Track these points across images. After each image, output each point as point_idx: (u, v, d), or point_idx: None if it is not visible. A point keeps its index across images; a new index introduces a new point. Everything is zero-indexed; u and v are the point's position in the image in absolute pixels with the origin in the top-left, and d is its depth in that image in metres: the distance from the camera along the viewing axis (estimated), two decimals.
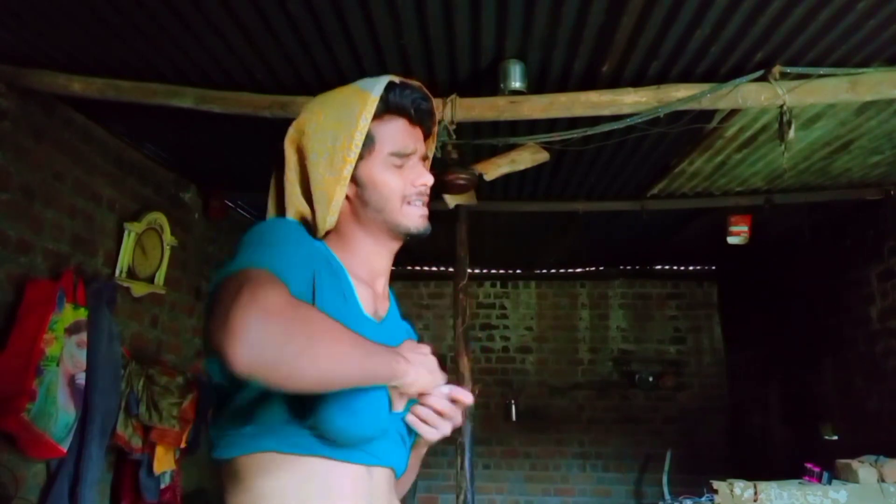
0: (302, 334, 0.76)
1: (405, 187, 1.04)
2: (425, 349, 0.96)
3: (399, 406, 0.98)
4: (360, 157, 1.01)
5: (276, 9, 2.14)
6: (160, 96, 2.62)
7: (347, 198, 1.04)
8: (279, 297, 0.78)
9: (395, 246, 1.09)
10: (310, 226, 1.04)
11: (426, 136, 1.11)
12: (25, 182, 2.69)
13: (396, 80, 1.05)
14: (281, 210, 1.07)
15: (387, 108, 1.03)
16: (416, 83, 1.06)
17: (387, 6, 2.12)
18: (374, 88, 1.01)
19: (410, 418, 0.96)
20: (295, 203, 1.04)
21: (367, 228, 1.05)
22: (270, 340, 0.73)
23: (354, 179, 1.02)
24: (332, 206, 1.01)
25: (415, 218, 1.05)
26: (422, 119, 1.08)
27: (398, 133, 1.04)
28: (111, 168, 3.25)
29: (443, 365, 0.98)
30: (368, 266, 1.06)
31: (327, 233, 1.05)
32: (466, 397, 0.97)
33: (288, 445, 0.88)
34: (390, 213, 1.04)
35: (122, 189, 3.34)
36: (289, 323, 0.76)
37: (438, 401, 0.95)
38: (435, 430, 0.96)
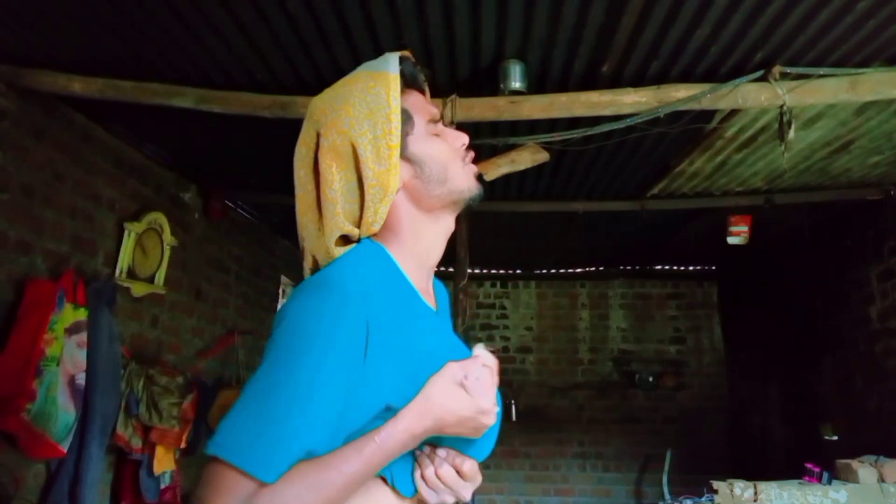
0: None
1: (456, 150, 1.04)
2: (471, 365, 0.87)
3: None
4: (404, 135, 0.98)
5: (276, 9, 2.14)
6: (160, 96, 2.62)
7: (404, 185, 0.99)
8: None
9: (452, 224, 1.06)
10: (350, 238, 0.98)
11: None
12: (25, 182, 2.69)
13: (398, 53, 1.04)
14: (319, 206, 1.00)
15: (406, 83, 1.02)
16: (406, 53, 1.07)
17: (387, 6, 2.12)
18: (389, 67, 0.99)
19: (417, 476, 0.89)
20: (338, 224, 0.96)
21: (430, 209, 1.01)
22: None
23: (407, 160, 0.98)
24: (386, 197, 0.96)
25: (472, 179, 1.04)
26: (424, 86, 1.09)
27: (422, 103, 1.04)
28: (111, 168, 3.25)
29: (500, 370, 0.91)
30: (427, 257, 1.03)
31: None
32: (466, 487, 0.89)
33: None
34: (453, 180, 1.01)
35: (123, 189, 3.33)
36: None
37: (443, 468, 0.88)
38: (434, 495, 0.88)
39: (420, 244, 1.02)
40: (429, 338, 0.95)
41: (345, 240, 0.99)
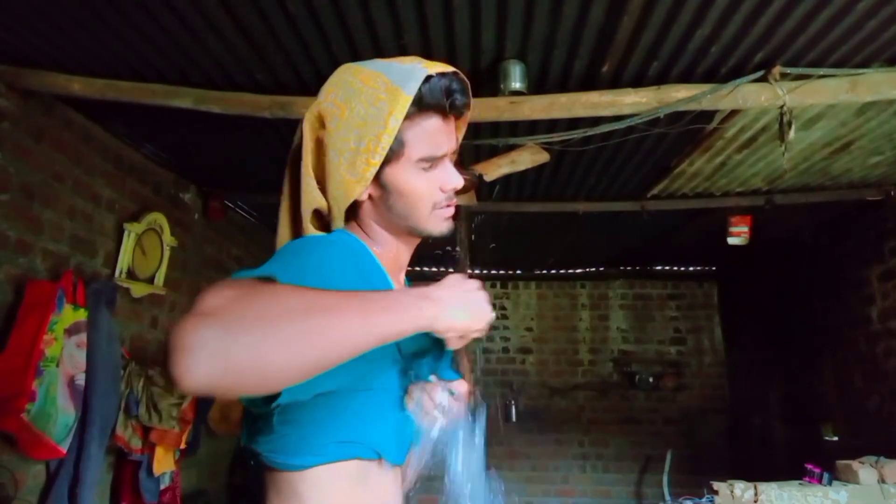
0: (256, 320, 0.65)
1: (433, 193, 0.97)
2: (469, 283, 0.86)
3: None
4: (387, 161, 0.92)
5: (275, 9, 2.14)
6: (160, 97, 2.62)
7: (370, 197, 0.97)
8: (224, 293, 0.68)
9: (416, 241, 1.05)
10: (324, 219, 1.00)
11: (457, 119, 1.03)
12: (25, 182, 2.68)
13: (432, 71, 0.93)
14: (296, 198, 1.01)
15: (420, 108, 0.92)
16: (451, 70, 0.96)
17: (387, 6, 2.12)
18: (406, 85, 0.91)
19: (412, 406, 0.91)
20: (311, 193, 0.97)
21: (388, 228, 1.01)
22: (212, 345, 0.62)
23: (378, 181, 0.95)
24: (349, 202, 0.95)
25: (439, 223, 0.99)
26: (457, 111, 1.00)
27: (430, 135, 0.95)
28: (111, 168, 3.25)
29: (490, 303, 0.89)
30: (391, 257, 1.02)
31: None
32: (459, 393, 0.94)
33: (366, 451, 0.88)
34: (416, 220, 0.98)
35: (122, 189, 3.33)
36: (232, 316, 0.65)
37: (438, 393, 0.91)
38: (432, 420, 0.90)
39: (387, 247, 1.02)
40: None
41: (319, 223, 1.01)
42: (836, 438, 4.29)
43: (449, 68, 0.96)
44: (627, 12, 2.12)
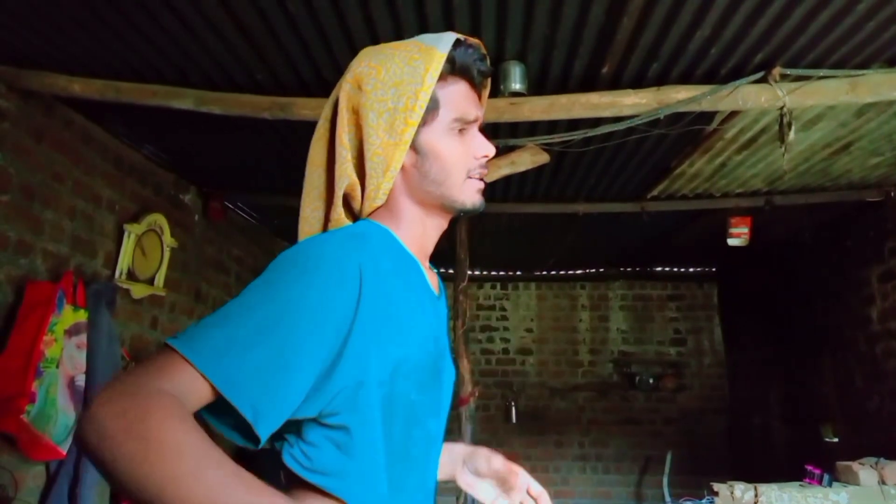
0: (154, 453, 0.64)
1: (467, 159, 0.96)
2: None
3: None
4: (422, 123, 0.92)
5: (276, 9, 2.14)
6: (160, 97, 2.62)
7: (403, 168, 0.94)
8: (158, 402, 0.67)
9: (445, 223, 1.02)
10: (355, 202, 0.95)
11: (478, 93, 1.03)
12: (25, 183, 2.69)
13: (461, 36, 0.95)
14: (330, 179, 0.96)
15: (452, 69, 0.93)
16: (475, 41, 0.98)
17: (387, 7, 2.12)
18: (439, 44, 0.92)
19: None
20: (344, 166, 0.93)
21: (421, 203, 0.97)
22: (110, 444, 0.65)
23: (414, 147, 0.93)
24: (388, 172, 0.92)
25: (473, 193, 0.97)
26: (481, 83, 1.00)
27: (462, 97, 0.95)
28: (111, 169, 3.25)
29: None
30: (419, 243, 0.98)
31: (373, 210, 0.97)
32: None
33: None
34: (450, 188, 0.95)
35: (122, 190, 3.33)
36: (142, 436, 0.65)
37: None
38: None
39: (416, 230, 0.98)
40: (423, 316, 0.94)
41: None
42: (836, 440, 4.29)
43: (475, 41, 0.98)
44: (627, 13, 2.12)
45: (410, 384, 0.87)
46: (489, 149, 0.98)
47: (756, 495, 2.97)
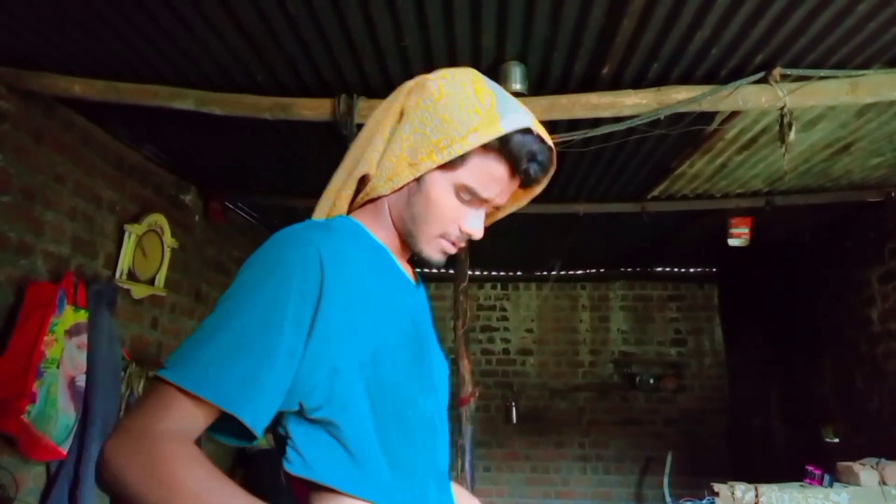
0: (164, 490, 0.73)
1: (451, 223, 0.96)
2: None
3: None
4: (441, 165, 0.93)
5: (276, 10, 2.14)
6: (160, 98, 2.62)
7: (402, 188, 0.97)
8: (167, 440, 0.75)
9: (407, 255, 1.05)
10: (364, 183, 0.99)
11: (521, 187, 1.01)
12: (26, 184, 2.69)
13: (534, 129, 0.93)
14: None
15: (501, 148, 0.92)
16: (550, 143, 0.96)
17: (387, 8, 2.12)
18: (506, 119, 0.91)
19: None
20: (370, 159, 0.96)
21: (398, 225, 1.00)
22: (126, 481, 0.73)
23: (420, 178, 0.95)
24: (389, 182, 0.95)
25: (436, 251, 0.98)
26: (522, 181, 0.98)
27: (490, 176, 0.94)
28: (111, 170, 3.25)
29: None
30: (394, 244, 1.02)
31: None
32: None
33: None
34: (420, 233, 0.97)
35: (123, 191, 3.34)
36: (150, 476, 0.73)
37: None
38: None
39: (391, 234, 1.01)
40: (398, 299, 0.95)
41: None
42: (836, 440, 4.28)
43: (549, 140, 0.96)
44: (628, 14, 2.12)
45: (394, 366, 0.88)
46: (477, 232, 0.98)
47: (756, 496, 2.97)
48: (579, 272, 6.44)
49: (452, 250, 0.99)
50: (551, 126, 2.89)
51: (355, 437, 0.85)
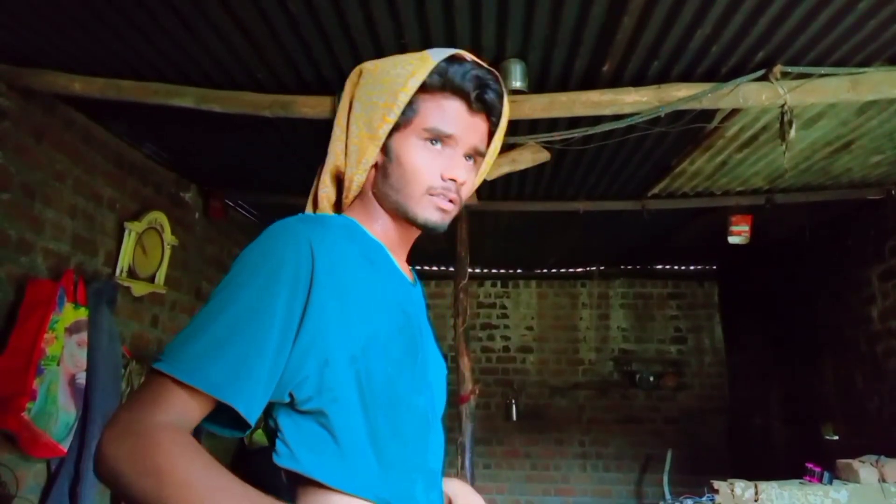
0: (157, 481, 0.71)
1: (432, 177, 0.94)
2: None
3: None
4: (398, 126, 0.94)
5: (276, 9, 2.14)
6: (161, 96, 2.62)
7: (375, 166, 0.98)
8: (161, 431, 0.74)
9: (411, 233, 1.02)
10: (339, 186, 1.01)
11: (491, 131, 1.01)
12: (26, 182, 2.69)
13: (467, 56, 0.95)
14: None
15: (443, 83, 0.93)
16: (486, 65, 0.97)
17: (387, 6, 2.12)
18: (436, 54, 0.94)
19: None
20: (334, 143, 0.99)
21: (387, 207, 0.99)
22: (120, 468, 0.72)
23: (385, 148, 0.96)
24: (360, 164, 0.96)
25: (431, 210, 0.95)
26: (485, 108, 0.97)
27: (446, 112, 0.94)
28: (112, 168, 3.25)
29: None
30: (388, 238, 1.00)
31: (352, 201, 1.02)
32: None
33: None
34: (406, 198, 0.95)
35: (123, 189, 3.34)
36: (143, 462, 0.72)
37: None
38: None
39: (385, 227, 1.00)
40: (392, 293, 0.95)
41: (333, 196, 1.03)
42: (836, 438, 4.29)
43: (486, 65, 0.98)
44: (628, 11, 2.12)
45: (385, 359, 0.88)
46: (458, 173, 0.95)
47: (756, 493, 2.97)
48: (579, 270, 6.44)
49: (448, 205, 0.96)
50: (552, 124, 2.89)
51: (344, 429, 0.85)
